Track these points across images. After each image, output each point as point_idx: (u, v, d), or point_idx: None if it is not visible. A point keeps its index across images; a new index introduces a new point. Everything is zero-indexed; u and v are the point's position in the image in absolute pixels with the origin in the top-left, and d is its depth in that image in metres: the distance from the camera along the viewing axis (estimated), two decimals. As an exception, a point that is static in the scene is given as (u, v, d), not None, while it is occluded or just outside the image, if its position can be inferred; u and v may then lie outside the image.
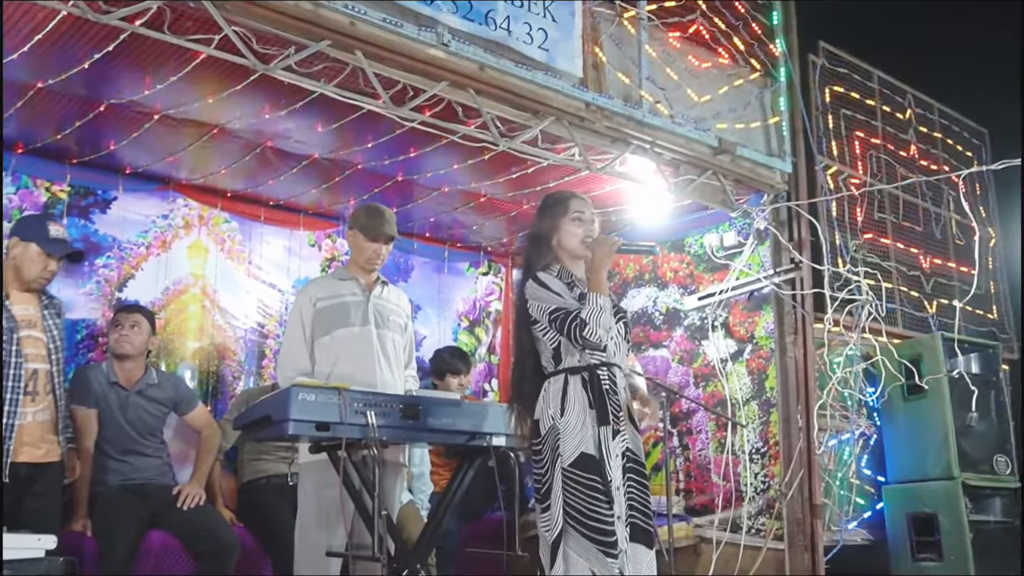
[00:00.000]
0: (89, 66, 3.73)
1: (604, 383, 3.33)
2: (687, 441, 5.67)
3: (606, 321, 3.28)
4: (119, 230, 5.09)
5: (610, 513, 3.20)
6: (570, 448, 3.26)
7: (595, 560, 3.16)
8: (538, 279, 3.41)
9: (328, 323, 4.02)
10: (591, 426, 3.28)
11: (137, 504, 4.28)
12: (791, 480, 5.00)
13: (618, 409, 3.35)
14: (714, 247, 5.60)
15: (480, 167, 4.88)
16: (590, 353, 3.34)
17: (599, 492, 3.21)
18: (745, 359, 5.41)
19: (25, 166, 4.78)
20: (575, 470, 3.23)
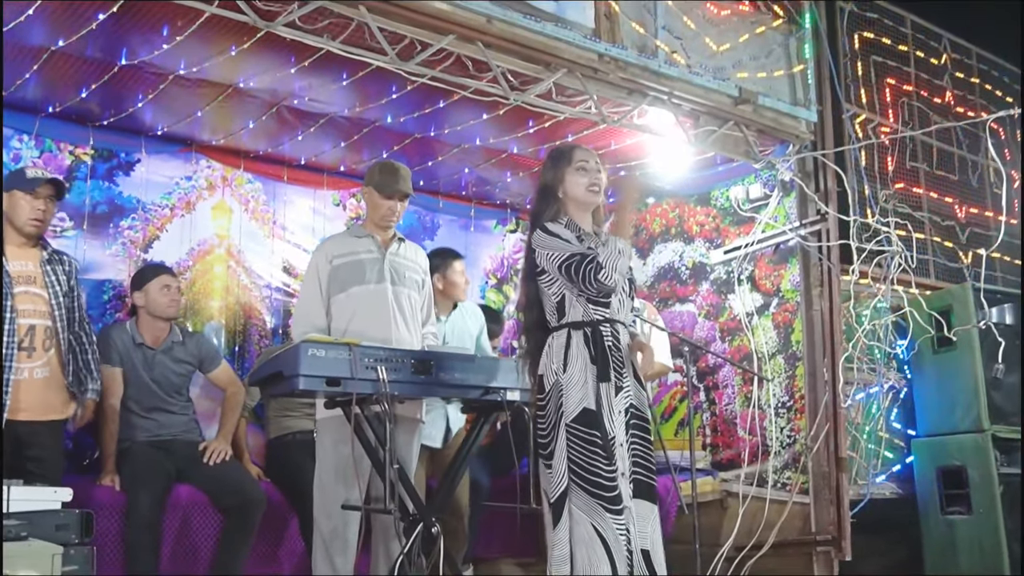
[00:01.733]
0: (97, 27, 3.74)
1: (607, 339, 3.32)
2: (714, 396, 5.63)
3: (623, 266, 3.27)
4: (143, 192, 5.15)
5: (611, 469, 3.20)
6: (573, 403, 3.26)
7: (598, 516, 3.16)
8: (546, 228, 3.40)
9: (344, 280, 4.04)
10: (592, 381, 3.27)
11: (163, 459, 4.36)
12: (816, 434, 4.95)
13: (621, 365, 3.33)
14: (740, 200, 5.51)
15: (497, 122, 4.84)
16: (593, 308, 3.32)
17: (600, 447, 3.21)
18: (771, 313, 5.34)
19: (48, 129, 4.84)
20: (578, 425, 3.23)
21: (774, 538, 4.95)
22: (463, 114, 4.76)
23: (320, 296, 4.06)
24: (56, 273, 3.92)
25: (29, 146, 4.82)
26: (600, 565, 3.14)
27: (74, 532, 3.17)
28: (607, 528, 3.15)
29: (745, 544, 4.97)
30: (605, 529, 3.15)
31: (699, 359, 5.66)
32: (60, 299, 3.90)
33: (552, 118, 4.63)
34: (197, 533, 4.43)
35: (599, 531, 3.15)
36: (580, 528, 3.18)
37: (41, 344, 3.84)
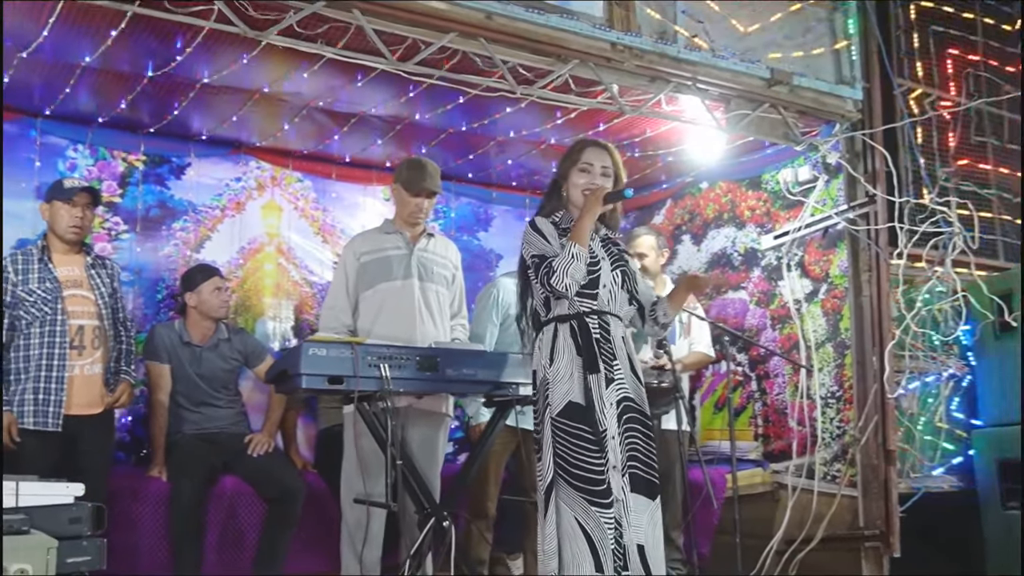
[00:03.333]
0: (113, 43, 3.93)
1: (594, 331, 3.29)
2: (764, 385, 5.47)
3: (576, 271, 3.23)
4: (194, 194, 5.38)
5: (599, 462, 3.17)
6: (558, 397, 3.25)
7: (581, 510, 3.15)
8: (532, 223, 3.42)
9: (371, 277, 4.12)
10: (578, 374, 3.25)
11: (209, 451, 4.54)
12: (865, 425, 4.76)
13: (612, 357, 3.30)
14: (789, 183, 5.32)
15: (529, 113, 4.83)
16: (579, 301, 3.31)
17: (587, 441, 3.18)
18: (820, 299, 5.15)
19: (101, 138, 5.11)
20: (563, 419, 3.22)
21: (823, 532, 4.80)
22: (490, 106, 4.74)
23: (347, 293, 4.15)
24: (100, 276, 4.15)
25: (84, 155, 5.10)
26: (582, 561, 3.12)
27: (87, 525, 3.34)
28: (592, 522, 3.13)
29: (796, 537, 4.84)
30: (589, 523, 3.13)
31: (751, 347, 5.52)
32: (105, 300, 4.12)
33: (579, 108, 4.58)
34: (243, 522, 4.61)
35: (583, 525, 3.14)
36: (565, 522, 3.18)
37: (91, 343, 4.06)
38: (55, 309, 3.96)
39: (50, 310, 3.95)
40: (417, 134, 5.27)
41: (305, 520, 4.54)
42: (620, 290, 3.41)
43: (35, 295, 3.94)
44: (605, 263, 3.38)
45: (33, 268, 3.99)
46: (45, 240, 4.10)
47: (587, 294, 3.32)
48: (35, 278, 3.96)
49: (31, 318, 3.93)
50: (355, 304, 4.16)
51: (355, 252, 4.18)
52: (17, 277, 3.95)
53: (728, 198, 5.80)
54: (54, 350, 3.94)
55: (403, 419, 4.14)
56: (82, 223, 4.11)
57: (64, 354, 3.96)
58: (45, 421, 3.91)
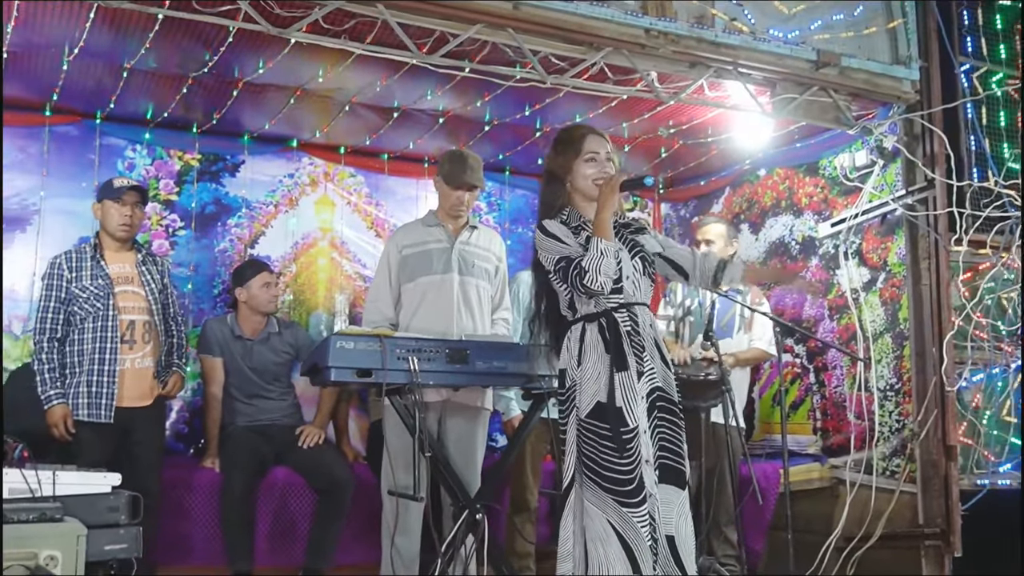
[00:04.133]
0: (162, 45, 4.05)
1: (624, 325, 3.23)
2: (823, 378, 5.30)
3: (607, 267, 3.15)
4: (248, 191, 5.50)
5: (628, 462, 3.11)
6: (586, 399, 3.19)
7: (613, 511, 3.08)
8: (543, 228, 3.32)
9: (412, 270, 4.14)
10: (606, 373, 3.19)
11: (260, 443, 4.63)
12: (924, 419, 4.57)
13: (641, 349, 3.23)
14: (847, 168, 5.14)
15: (571, 102, 4.79)
16: (605, 297, 3.24)
17: (616, 441, 3.12)
18: (878, 288, 4.96)
19: (158, 138, 5.27)
20: (592, 420, 3.16)
21: (882, 530, 4.63)
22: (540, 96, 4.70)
23: (389, 285, 4.17)
24: (151, 272, 4.27)
25: (142, 155, 5.27)
26: (615, 563, 3.06)
27: (124, 514, 3.43)
28: (626, 523, 3.06)
29: (856, 534, 4.68)
30: (623, 525, 3.06)
31: (807, 340, 5.36)
32: (156, 295, 4.24)
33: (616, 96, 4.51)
34: (295, 513, 4.70)
35: (616, 527, 3.07)
36: (595, 524, 3.11)
37: (141, 337, 4.19)
38: (107, 305, 4.10)
39: (102, 306, 4.09)
40: (466, 126, 5.28)
41: (356, 512, 4.60)
42: (642, 277, 3.33)
43: (88, 291, 4.08)
44: (624, 253, 3.31)
45: (86, 266, 4.13)
46: (97, 238, 4.24)
47: (613, 289, 3.24)
48: (87, 275, 4.10)
49: (84, 314, 4.08)
50: (398, 297, 4.18)
51: (397, 245, 4.20)
52: (71, 274, 4.10)
53: (785, 185, 5.64)
54: (106, 344, 4.08)
55: (440, 413, 4.17)
56: (131, 221, 4.23)
57: (116, 348, 4.09)
58: (98, 413, 4.04)
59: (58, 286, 4.08)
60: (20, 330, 4.95)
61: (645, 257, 3.36)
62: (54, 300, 4.08)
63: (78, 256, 4.16)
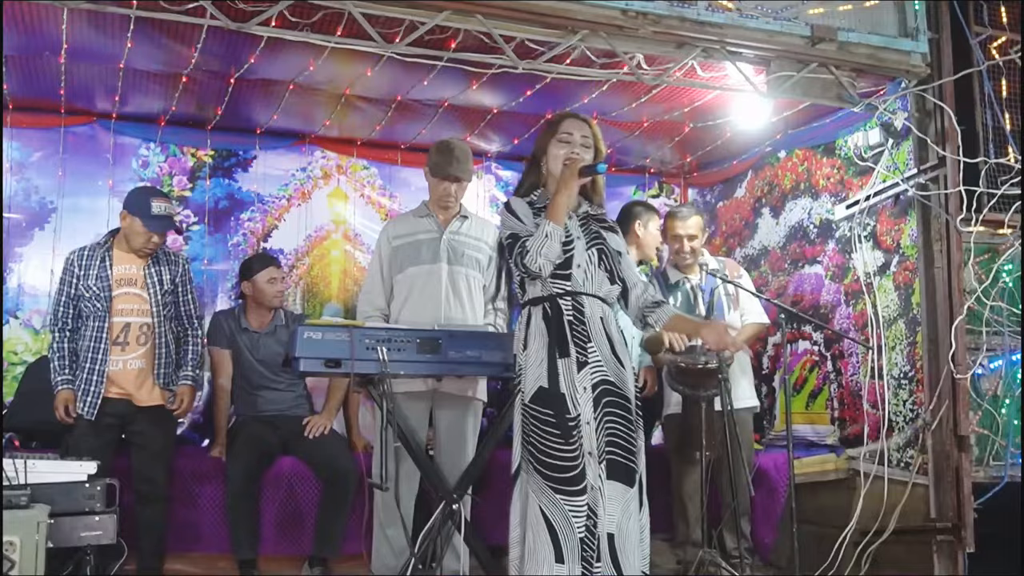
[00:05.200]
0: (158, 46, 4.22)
1: (566, 313, 3.19)
2: (839, 365, 5.11)
3: (550, 251, 3.13)
4: (261, 186, 5.59)
5: (568, 449, 3.08)
6: (530, 383, 3.20)
7: (547, 499, 3.08)
8: (507, 204, 3.38)
9: (402, 261, 4.18)
10: (548, 359, 3.17)
11: (267, 433, 4.71)
12: (936, 408, 4.36)
13: (586, 339, 3.18)
14: (862, 147, 4.94)
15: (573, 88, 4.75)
16: (552, 282, 3.21)
17: (556, 427, 3.10)
18: (892, 272, 4.75)
19: (170, 136, 5.41)
20: (533, 405, 3.17)
21: (895, 524, 4.44)
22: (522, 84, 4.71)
23: (381, 277, 4.21)
24: (160, 274, 4.33)
25: (156, 152, 5.41)
26: (542, 548, 3.07)
27: (99, 501, 3.56)
28: (557, 510, 3.06)
29: (873, 528, 4.51)
30: (554, 513, 3.06)
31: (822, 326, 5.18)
32: (159, 298, 4.31)
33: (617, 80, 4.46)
34: (302, 502, 4.77)
35: (546, 513, 3.07)
36: (531, 509, 3.12)
37: (136, 339, 4.26)
38: (104, 307, 4.20)
39: (101, 307, 4.20)
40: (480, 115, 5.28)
41: (362, 502, 4.63)
42: (597, 269, 3.29)
43: (91, 291, 4.19)
44: (580, 242, 3.28)
45: (94, 265, 4.23)
46: (112, 238, 4.32)
47: (560, 275, 3.22)
48: (94, 275, 4.20)
49: (87, 312, 4.20)
50: (391, 288, 4.20)
51: (388, 236, 4.23)
52: (80, 272, 4.22)
53: (804, 167, 5.45)
54: (99, 345, 4.19)
55: (431, 403, 4.17)
56: (155, 248, 4.32)
57: (106, 349, 4.19)
58: (85, 410, 4.16)
59: (69, 282, 4.21)
60: (40, 324, 5.15)
61: (604, 251, 3.31)
62: (65, 295, 4.22)
63: (89, 255, 4.26)
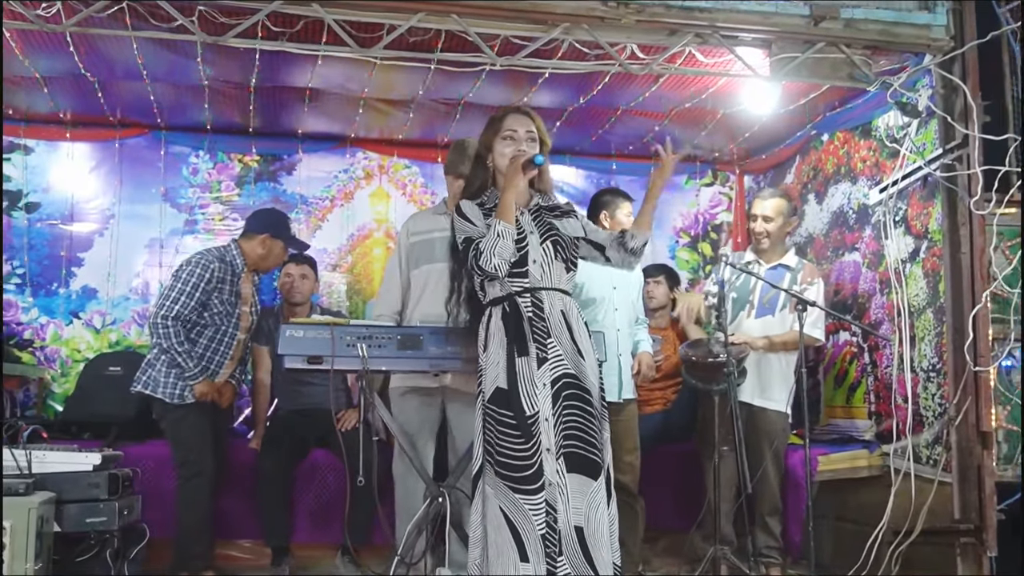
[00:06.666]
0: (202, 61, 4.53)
1: (525, 310, 3.20)
2: (875, 357, 4.87)
3: (503, 249, 3.15)
4: (305, 188, 5.81)
5: (525, 448, 3.10)
6: (489, 383, 3.23)
7: (505, 498, 3.10)
8: (458, 208, 3.40)
9: (418, 258, 4.25)
10: (504, 358, 3.18)
11: (301, 426, 4.93)
12: (961, 402, 4.11)
13: (545, 335, 3.19)
14: (893, 127, 4.70)
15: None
16: (510, 281, 3.23)
17: (512, 427, 3.12)
18: (921, 259, 4.50)
19: (217, 144, 5.71)
20: (492, 406, 3.19)
21: (923, 524, 4.21)
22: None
23: (399, 273, 4.30)
24: (256, 294, 4.66)
25: (204, 160, 5.71)
26: (505, 548, 3.08)
27: (103, 490, 3.83)
28: (517, 510, 3.07)
29: (903, 528, 4.30)
30: (514, 511, 3.07)
31: (862, 316, 4.94)
32: (254, 316, 4.67)
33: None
34: (334, 493, 4.96)
35: (506, 512, 3.08)
36: (491, 509, 3.13)
37: (237, 354, 4.62)
38: (227, 323, 4.49)
39: (223, 324, 4.48)
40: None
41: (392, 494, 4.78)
42: (554, 261, 3.28)
43: (217, 308, 4.44)
44: (533, 237, 3.28)
45: (227, 280, 4.47)
46: (243, 256, 4.56)
47: (516, 272, 3.23)
48: (226, 292, 4.46)
49: (205, 323, 4.44)
50: (408, 284, 4.28)
51: (407, 232, 4.32)
52: (216, 285, 4.41)
53: (845, 150, 5.21)
54: (214, 356, 4.47)
55: (442, 399, 4.25)
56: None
57: (221, 363, 4.50)
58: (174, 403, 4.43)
59: (203, 288, 4.37)
60: (100, 324, 5.53)
61: (559, 242, 3.30)
62: (195, 298, 4.35)
63: (224, 268, 4.45)
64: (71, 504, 3.76)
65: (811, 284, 4.65)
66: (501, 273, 3.18)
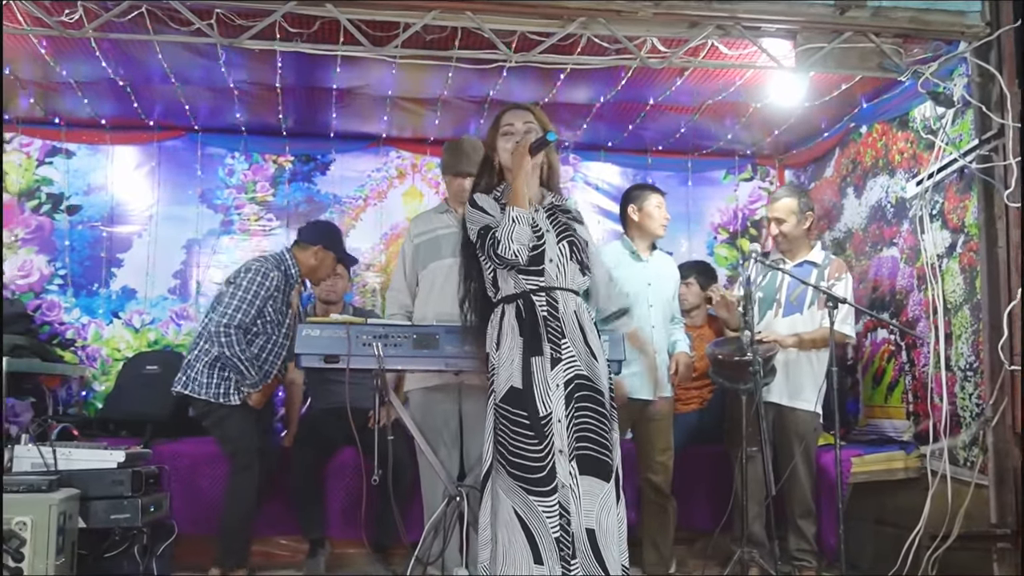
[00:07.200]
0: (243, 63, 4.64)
1: (540, 309, 3.16)
2: (913, 355, 4.72)
3: (520, 235, 3.11)
4: (338, 187, 5.86)
5: (538, 449, 3.05)
6: (502, 382, 3.18)
7: (519, 499, 3.05)
8: (472, 201, 3.37)
9: (424, 257, 4.26)
10: (520, 357, 3.14)
11: (332, 424, 4.96)
12: (997, 402, 3.97)
13: (560, 335, 3.15)
14: (929, 118, 4.54)
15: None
16: (524, 278, 3.20)
17: (526, 428, 3.07)
18: (958, 254, 4.35)
19: (252, 145, 5.79)
20: (505, 405, 3.14)
21: (959, 528, 4.08)
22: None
23: (405, 274, 4.32)
24: (300, 304, 4.76)
25: (240, 161, 5.79)
26: (518, 549, 3.03)
27: (126, 487, 3.89)
28: (531, 511, 3.03)
29: (940, 532, 4.17)
30: (527, 513, 3.03)
31: (899, 313, 4.79)
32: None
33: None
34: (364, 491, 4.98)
35: (520, 514, 3.04)
36: (503, 510, 3.09)
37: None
38: (279, 332, 4.56)
39: (274, 334, 4.54)
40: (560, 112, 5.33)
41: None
42: (569, 262, 3.23)
43: (271, 317, 4.50)
44: (550, 235, 3.24)
45: (282, 289, 4.52)
46: (297, 266, 4.60)
47: (533, 270, 3.19)
48: (279, 302, 4.52)
49: (258, 330, 4.49)
50: (415, 284, 4.31)
51: (411, 234, 4.32)
52: (274, 293, 4.46)
53: (883, 142, 5.06)
54: (265, 365, 4.53)
55: (458, 396, 4.24)
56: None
57: (271, 371, 4.56)
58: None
59: (263, 296, 4.42)
60: (139, 323, 5.64)
61: (575, 242, 3.26)
62: (255, 306, 4.39)
63: (285, 279, 4.52)
64: (96, 500, 3.83)
65: (839, 280, 4.52)
66: (521, 259, 3.12)
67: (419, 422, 4.11)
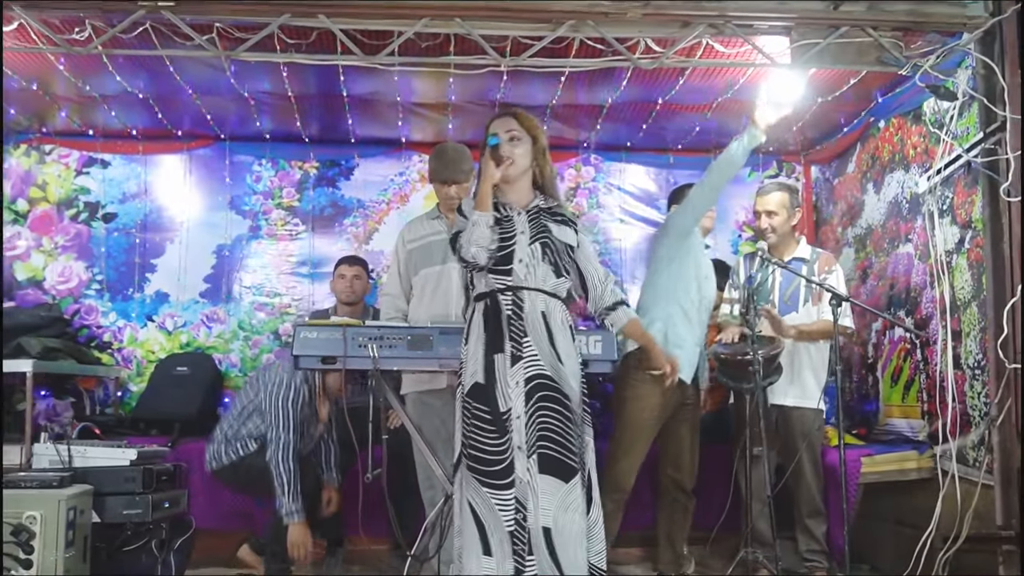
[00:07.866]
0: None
1: (506, 307, 3.24)
2: (926, 354, 4.63)
3: (478, 237, 3.22)
4: (362, 192, 5.99)
5: (499, 443, 3.14)
6: (468, 378, 3.29)
7: (473, 491, 3.16)
8: (459, 208, 3.47)
9: (416, 263, 4.33)
10: (482, 354, 3.24)
11: (353, 425, 5.09)
12: (1003, 401, 3.88)
13: (522, 334, 3.22)
14: (941, 111, 4.45)
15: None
16: (494, 278, 3.28)
17: (485, 422, 3.17)
18: (966, 249, 4.26)
19: (278, 151, 5.96)
20: (469, 400, 3.25)
21: (968, 529, 4.00)
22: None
23: (399, 279, 4.39)
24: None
25: (267, 168, 5.95)
26: (471, 541, 3.14)
27: (138, 484, 4.06)
28: (483, 503, 3.12)
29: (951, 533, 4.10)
30: (480, 505, 3.13)
31: (914, 311, 4.70)
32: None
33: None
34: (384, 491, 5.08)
35: (472, 506, 3.15)
36: (463, 502, 3.21)
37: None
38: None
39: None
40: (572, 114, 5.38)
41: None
42: (540, 263, 3.30)
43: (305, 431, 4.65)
44: (523, 236, 3.31)
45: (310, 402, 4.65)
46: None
47: (501, 270, 3.28)
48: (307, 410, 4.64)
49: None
50: (409, 289, 4.38)
51: (403, 239, 4.40)
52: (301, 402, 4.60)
53: (899, 136, 4.98)
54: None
55: (453, 399, 4.29)
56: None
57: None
58: None
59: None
60: (172, 326, 5.85)
61: (548, 244, 3.32)
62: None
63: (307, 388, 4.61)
64: (109, 496, 4.01)
65: (829, 273, 4.47)
66: (481, 261, 3.23)
67: (416, 423, 4.19)
